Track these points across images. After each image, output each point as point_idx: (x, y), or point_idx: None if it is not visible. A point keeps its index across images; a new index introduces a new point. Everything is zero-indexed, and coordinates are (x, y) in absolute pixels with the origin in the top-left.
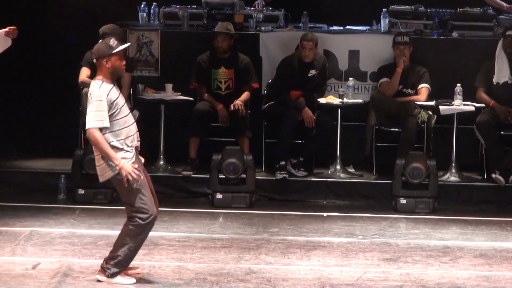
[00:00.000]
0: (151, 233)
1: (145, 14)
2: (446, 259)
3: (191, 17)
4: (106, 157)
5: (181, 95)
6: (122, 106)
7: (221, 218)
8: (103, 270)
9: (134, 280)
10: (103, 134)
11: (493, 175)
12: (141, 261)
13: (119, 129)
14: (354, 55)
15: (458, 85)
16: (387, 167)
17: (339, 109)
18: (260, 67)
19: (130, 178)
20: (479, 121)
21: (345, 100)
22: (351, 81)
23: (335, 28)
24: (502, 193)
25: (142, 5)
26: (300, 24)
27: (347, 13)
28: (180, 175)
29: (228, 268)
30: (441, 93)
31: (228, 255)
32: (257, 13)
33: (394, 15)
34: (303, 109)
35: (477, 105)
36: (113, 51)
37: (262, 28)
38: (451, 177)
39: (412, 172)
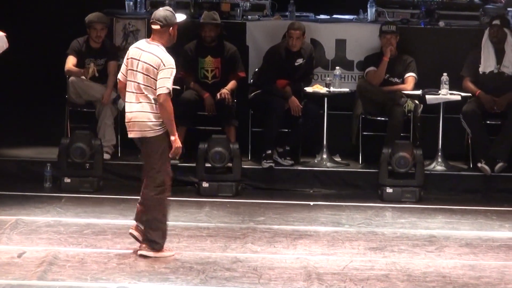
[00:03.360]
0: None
1: (131, 3)
2: (432, 248)
3: (178, 6)
4: (167, 123)
5: None
6: None
7: (207, 207)
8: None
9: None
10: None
11: (479, 164)
12: (127, 250)
13: None
14: (340, 44)
15: (445, 74)
16: (374, 156)
17: (325, 98)
18: (247, 56)
19: (177, 152)
20: (465, 110)
21: (332, 89)
22: (337, 70)
23: (322, 17)
24: (488, 182)
25: None
26: (287, 13)
27: (334, 2)
28: None
29: (214, 257)
30: (428, 82)
31: (215, 244)
32: (244, 2)
33: (381, 4)
34: (290, 98)
35: (463, 94)
36: (178, 20)
37: (249, 17)
38: (437, 166)
39: (399, 161)
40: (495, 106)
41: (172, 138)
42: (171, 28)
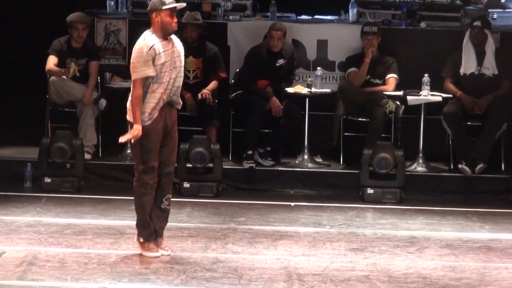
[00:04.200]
0: (117, 222)
1: (113, 2)
2: (413, 249)
3: None
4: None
5: None
6: (167, 61)
7: (188, 207)
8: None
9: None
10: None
11: (460, 166)
12: (108, 250)
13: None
14: (322, 44)
15: (426, 75)
16: (355, 157)
17: (307, 99)
18: (228, 57)
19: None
20: (446, 111)
21: (313, 89)
22: (319, 71)
23: (303, 17)
24: (468, 184)
25: None
26: (268, 14)
27: (316, 2)
28: None
29: (195, 257)
30: (409, 83)
31: (195, 244)
32: (225, 2)
33: (362, 5)
34: (271, 99)
35: (444, 95)
36: (164, 7)
37: (230, 17)
38: (418, 167)
39: (380, 162)
40: (476, 107)
41: (135, 127)
42: (154, 13)
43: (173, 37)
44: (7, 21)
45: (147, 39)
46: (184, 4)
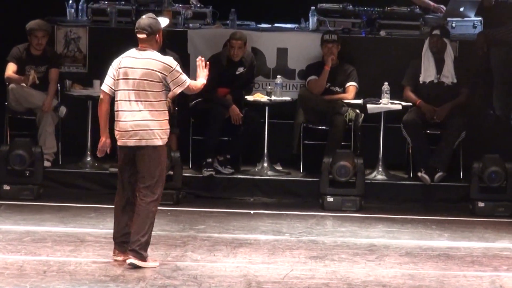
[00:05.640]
0: (77, 229)
1: (73, 10)
2: (372, 257)
3: (119, 14)
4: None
5: None
6: None
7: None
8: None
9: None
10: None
11: (419, 174)
12: (68, 257)
13: None
14: (282, 53)
15: (386, 83)
16: (315, 165)
17: (266, 107)
18: (188, 64)
19: None
20: (406, 119)
21: (273, 97)
22: (279, 79)
23: (263, 25)
24: (427, 192)
25: (70, 1)
26: (228, 22)
27: (276, 10)
28: (108, 171)
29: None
30: (369, 91)
31: (155, 252)
32: (185, 10)
33: (322, 13)
34: (230, 106)
35: (404, 103)
36: (162, 26)
37: (190, 25)
38: (378, 175)
39: (339, 170)
40: (435, 115)
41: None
42: (157, 34)
43: None
44: None
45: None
46: (168, 21)
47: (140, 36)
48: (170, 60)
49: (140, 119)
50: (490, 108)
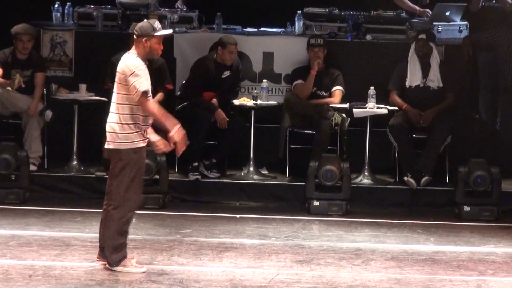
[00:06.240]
0: (63, 234)
1: (59, 14)
2: (359, 261)
3: (106, 18)
4: (159, 121)
5: (95, 95)
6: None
7: (134, 219)
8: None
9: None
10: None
11: (405, 178)
12: (53, 262)
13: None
14: (268, 57)
15: (372, 88)
16: (301, 169)
17: (252, 111)
18: (174, 68)
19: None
20: (392, 124)
21: (259, 101)
22: (265, 83)
23: (249, 29)
24: (413, 196)
25: (56, 5)
26: (214, 26)
27: (262, 15)
28: (94, 175)
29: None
30: (355, 95)
31: (141, 256)
32: (171, 14)
33: (308, 18)
34: (216, 111)
35: (390, 108)
36: (155, 34)
37: (176, 29)
38: (364, 179)
39: (326, 174)
40: (421, 120)
41: (170, 134)
42: (144, 39)
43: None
44: None
45: (137, 59)
46: (170, 31)
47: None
48: (132, 63)
49: (109, 121)
50: (476, 112)
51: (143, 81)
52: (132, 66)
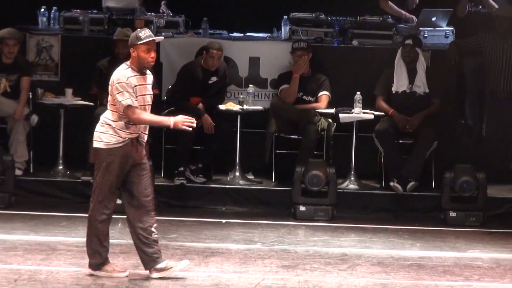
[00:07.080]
0: (48, 238)
1: (45, 19)
2: (344, 266)
3: (92, 22)
4: (154, 126)
5: (81, 100)
6: (141, 95)
7: (120, 224)
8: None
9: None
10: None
11: (391, 183)
12: (39, 266)
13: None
14: (254, 62)
15: (358, 93)
16: (287, 174)
17: (238, 116)
18: (161, 73)
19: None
20: (378, 129)
21: (245, 106)
22: (251, 88)
23: (235, 34)
24: (399, 201)
25: (42, 10)
26: (201, 30)
27: (248, 20)
28: (79, 180)
29: (127, 274)
30: (341, 101)
31: (127, 261)
32: (158, 19)
33: (294, 23)
34: (203, 116)
35: (376, 113)
36: (139, 42)
37: (163, 34)
38: (350, 184)
39: (312, 179)
40: (407, 125)
41: (171, 124)
42: (131, 48)
43: (148, 73)
44: None
45: (124, 72)
46: (161, 38)
47: None
48: (116, 76)
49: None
50: (462, 118)
51: (124, 94)
52: (115, 78)
